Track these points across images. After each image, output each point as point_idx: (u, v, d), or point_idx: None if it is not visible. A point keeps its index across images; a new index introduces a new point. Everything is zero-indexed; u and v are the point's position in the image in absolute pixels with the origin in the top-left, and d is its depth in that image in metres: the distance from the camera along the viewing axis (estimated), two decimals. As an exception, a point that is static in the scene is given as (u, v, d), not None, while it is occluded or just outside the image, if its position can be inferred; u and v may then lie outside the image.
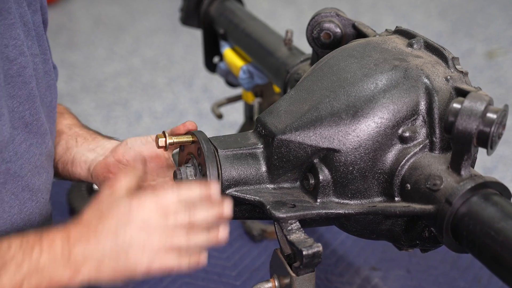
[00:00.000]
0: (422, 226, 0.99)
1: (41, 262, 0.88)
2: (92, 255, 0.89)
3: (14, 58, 1.03)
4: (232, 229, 1.72)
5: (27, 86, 1.06)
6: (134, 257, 0.90)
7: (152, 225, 0.91)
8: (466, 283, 1.55)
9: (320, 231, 1.72)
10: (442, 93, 1.00)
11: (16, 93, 1.04)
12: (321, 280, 1.55)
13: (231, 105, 1.96)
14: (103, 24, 3.86)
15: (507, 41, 3.54)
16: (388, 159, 0.99)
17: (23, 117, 1.05)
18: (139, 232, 0.90)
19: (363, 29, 1.19)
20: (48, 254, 0.88)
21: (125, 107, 3.07)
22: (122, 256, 0.90)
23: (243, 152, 1.06)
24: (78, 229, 0.91)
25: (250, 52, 1.56)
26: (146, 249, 0.90)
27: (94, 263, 0.89)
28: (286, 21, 3.81)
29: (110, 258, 0.90)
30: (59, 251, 0.89)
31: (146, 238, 0.90)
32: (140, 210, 0.91)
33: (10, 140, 1.02)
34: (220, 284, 1.56)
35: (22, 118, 1.05)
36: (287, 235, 0.96)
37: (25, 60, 1.04)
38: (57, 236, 0.90)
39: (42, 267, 0.88)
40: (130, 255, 0.90)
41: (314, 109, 1.03)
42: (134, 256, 0.90)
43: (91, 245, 0.89)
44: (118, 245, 0.89)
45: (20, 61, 1.04)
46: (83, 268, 0.89)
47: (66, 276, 0.89)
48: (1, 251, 0.88)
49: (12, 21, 1.02)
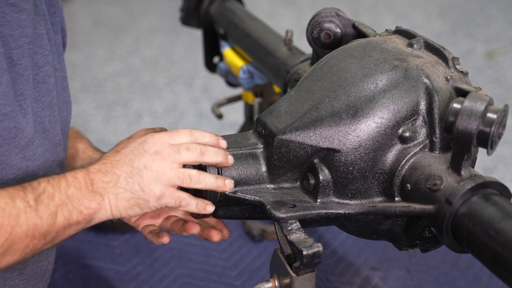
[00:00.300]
0: (422, 226, 0.99)
1: (69, 193, 0.96)
2: (111, 180, 0.98)
3: (41, 65, 1.10)
4: (232, 229, 1.71)
5: (49, 94, 1.12)
6: (147, 181, 0.98)
7: (164, 155, 0.98)
8: (466, 283, 1.55)
9: (320, 231, 1.72)
10: (442, 93, 1.00)
11: (40, 99, 1.10)
12: (321, 280, 1.55)
13: (231, 105, 1.96)
14: (103, 24, 3.86)
15: (507, 41, 3.54)
16: (388, 159, 0.99)
17: (43, 122, 1.11)
18: (152, 160, 0.98)
19: (363, 29, 1.19)
20: (74, 185, 0.97)
21: (125, 107, 3.07)
22: (137, 181, 0.98)
23: (243, 152, 1.06)
24: (96, 165, 1.00)
25: (250, 52, 1.56)
26: (159, 174, 0.98)
27: (112, 189, 0.98)
28: (286, 21, 3.81)
29: (125, 183, 0.98)
30: (82, 182, 0.97)
31: (158, 165, 0.98)
32: (153, 142, 0.99)
33: (31, 141, 1.08)
34: (220, 284, 1.56)
35: (42, 123, 1.11)
36: (287, 235, 0.96)
37: (50, 70, 1.12)
38: (78, 172, 0.98)
39: (70, 196, 0.96)
40: (144, 179, 0.98)
41: (314, 109, 1.03)
42: (148, 180, 0.98)
43: (108, 174, 0.98)
44: (133, 170, 0.98)
45: (46, 69, 1.11)
46: (104, 195, 0.97)
47: (93, 205, 0.97)
48: (32, 187, 0.95)
49: (42, 32, 1.09)
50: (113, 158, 0.99)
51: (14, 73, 1.03)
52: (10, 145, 1.03)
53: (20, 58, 1.04)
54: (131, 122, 2.97)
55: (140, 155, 0.99)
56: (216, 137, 1.03)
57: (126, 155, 0.99)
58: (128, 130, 2.89)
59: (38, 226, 0.93)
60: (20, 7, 1.02)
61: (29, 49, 1.06)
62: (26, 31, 1.04)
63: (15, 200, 0.92)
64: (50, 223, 0.94)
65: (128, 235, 1.69)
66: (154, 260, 1.62)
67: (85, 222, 0.98)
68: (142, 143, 1.00)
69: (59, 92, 1.18)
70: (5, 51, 1.01)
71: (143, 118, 2.99)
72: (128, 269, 1.59)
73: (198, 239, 1.67)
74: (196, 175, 0.99)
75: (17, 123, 1.03)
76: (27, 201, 0.93)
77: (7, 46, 1.02)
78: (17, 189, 0.94)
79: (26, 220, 0.92)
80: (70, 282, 1.53)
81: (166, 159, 0.98)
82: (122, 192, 0.98)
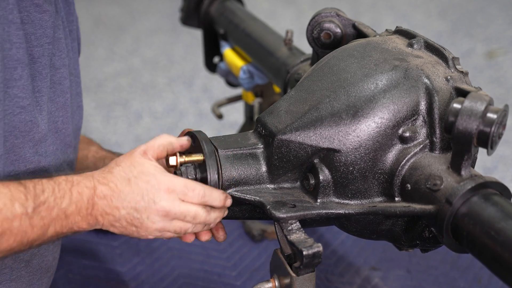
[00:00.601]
0: (422, 226, 0.99)
1: (68, 211, 0.98)
2: (111, 213, 0.99)
3: (58, 67, 1.13)
4: (232, 229, 1.72)
5: (64, 95, 1.16)
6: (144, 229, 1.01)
7: (170, 215, 1.00)
8: (466, 283, 1.55)
9: (320, 231, 1.72)
10: (442, 93, 1.00)
11: (55, 99, 1.14)
12: (321, 280, 1.55)
13: (231, 105, 1.96)
14: (103, 24, 3.86)
15: (507, 41, 3.54)
16: (388, 159, 0.99)
17: (56, 122, 1.15)
18: (157, 215, 1.00)
19: (363, 29, 1.19)
20: (76, 204, 0.98)
21: (125, 107, 3.07)
22: (135, 224, 1.00)
23: (243, 152, 1.06)
24: (104, 187, 1.00)
25: (250, 52, 1.56)
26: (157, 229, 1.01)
27: (111, 220, 1.00)
28: (286, 21, 3.81)
29: (124, 221, 1.00)
30: (85, 202, 0.98)
31: (160, 221, 1.00)
32: (166, 197, 1.00)
33: (45, 138, 1.11)
34: (220, 284, 1.56)
35: (55, 122, 1.14)
36: (287, 235, 0.96)
37: (66, 72, 1.15)
38: (85, 189, 0.99)
39: (68, 215, 0.98)
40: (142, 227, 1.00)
41: (315, 109, 1.03)
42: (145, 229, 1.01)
43: (112, 206, 0.99)
44: (135, 215, 1.00)
45: (62, 71, 1.14)
46: (99, 221, 1.00)
47: (85, 226, 1.00)
48: (35, 193, 0.96)
49: (60, 36, 1.13)
50: (122, 189, 1.00)
51: (33, 70, 1.07)
52: (25, 137, 1.06)
53: (40, 56, 1.08)
54: (131, 122, 2.97)
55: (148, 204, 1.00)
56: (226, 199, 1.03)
57: (135, 195, 0.99)
58: (128, 130, 2.89)
59: (28, 234, 0.95)
60: (44, 8, 1.06)
61: (49, 49, 1.09)
62: (47, 32, 1.08)
63: (14, 203, 0.93)
64: (40, 233, 0.96)
65: (128, 235, 1.69)
66: (154, 260, 1.62)
67: (71, 234, 1.01)
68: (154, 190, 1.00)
69: (73, 96, 1.21)
70: (27, 48, 1.05)
71: (143, 118, 2.99)
72: (128, 269, 1.59)
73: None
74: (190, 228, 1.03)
75: (33, 117, 1.06)
76: (26, 208, 0.94)
77: (29, 43, 1.05)
78: (19, 189, 0.94)
79: (18, 227, 0.93)
80: (70, 282, 1.53)
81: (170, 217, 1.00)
82: (118, 226, 1.01)
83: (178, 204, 1.00)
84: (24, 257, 1.14)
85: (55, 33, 1.11)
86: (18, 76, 1.03)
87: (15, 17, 1.01)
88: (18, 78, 1.03)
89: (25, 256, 1.14)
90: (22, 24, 1.03)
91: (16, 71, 1.02)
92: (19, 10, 1.03)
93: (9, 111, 1.02)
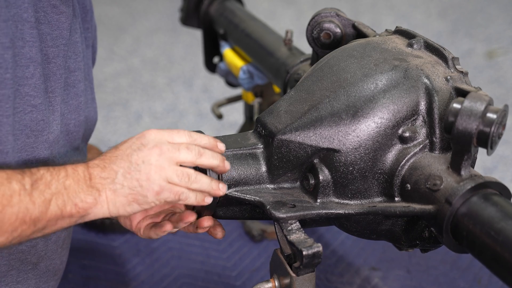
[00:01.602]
0: (422, 226, 0.99)
1: (66, 183, 0.95)
2: (109, 176, 0.96)
3: (73, 70, 1.14)
4: (232, 229, 1.72)
5: (77, 98, 1.16)
6: (146, 176, 0.96)
7: (163, 150, 0.97)
8: (466, 283, 1.55)
9: (320, 231, 1.72)
10: (442, 93, 1.00)
11: (68, 101, 1.14)
12: (321, 280, 1.55)
13: (231, 105, 1.96)
14: (103, 24, 3.86)
15: (507, 41, 3.54)
16: (388, 159, 0.99)
17: (68, 124, 1.14)
18: (151, 155, 0.97)
19: (363, 29, 1.19)
20: (72, 177, 0.96)
21: (125, 107, 3.06)
22: (135, 176, 0.96)
23: (243, 152, 1.06)
24: (95, 160, 0.99)
25: (250, 52, 1.56)
26: (158, 169, 0.96)
27: (110, 185, 0.96)
28: (286, 21, 3.81)
29: (123, 179, 0.96)
30: (81, 175, 0.96)
31: (157, 159, 0.96)
32: (152, 137, 0.98)
33: (57, 140, 1.10)
34: (220, 284, 1.56)
35: (67, 125, 1.14)
36: (287, 235, 0.96)
37: (80, 76, 1.15)
38: (78, 165, 0.98)
39: (67, 187, 0.95)
40: (143, 173, 0.96)
41: (314, 109, 1.03)
42: (146, 174, 0.96)
43: (106, 169, 0.97)
44: (131, 166, 0.96)
45: (77, 74, 1.15)
46: (101, 191, 0.96)
47: (89, 199, 0.96)
48: (31, 172, 0.95)
49: (77, 40, 1.14)
50: (112, 154, 0.98)
51: (47, 70, 1.07)
52: (38, 137, 1.06)
53: (55, 56, 1.08)
54: (131, 122, 2.97)
55: (139, 150, 0.97)
56: (215, 140, 1.02)
57: (124, 150, 0.98)
58: (128, 130, 2.89)
59: (30, 211, 0.92)
60: (61, 9, 1.07)
61: (64, 50, 1.10)
62: (63, 33, 1.09)
63: (11, 181, 0.92)
64: (42, 210, 0.93)
65: (128, 235, 1.69)
66: (154, 260, 1.62)
67: (79, 216, 0.96)
68: (140, 137, 0.99)
69: (88, 101, 1.21)
70: (41, 48, 1.05)
71: (143, 118, 2.99)
72: (128, 269, 1.59)
73: (198, 239, 1.67)
74: (193, 175, 0.98)
75: (45, 116, 1.06)
76: (23, 184, 0.92)
77: (45, 43, 1.05)
78: (16, 171, 0.94)
79: (18, 203, 0.91)
80: (70, 282, 1.53)
81: (165, 155, 0.97)
82: (119, 188, 0.96)
83: (167, 142, 0.98)
84: (31, 259, 1.13)
85: (71, 36, 1.12)
86: (30, 74, 1.03)
87: (29, 16, 1.01)
88: (30, 76, 1.03)
89: (32, 258, 1.13)
90: (38, 23, 1.04)
91: (28, 69, 1.02)
92: (36, 9, 1.03)
93: (20, 109, 1.02)
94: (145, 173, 0.96)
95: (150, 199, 0.97)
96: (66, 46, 1.10)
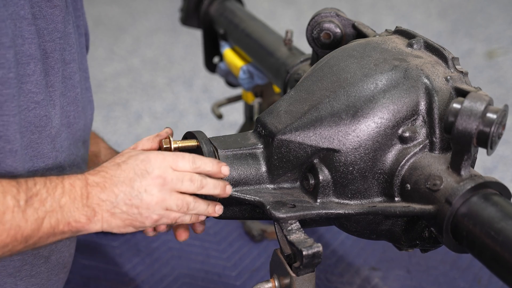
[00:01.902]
0: (422, 226, 0.99)
1: (62, 202, 0.94)
2: (108, 198, 0.96)
3: (68, 62, 1.14)
4: (232, 229, 1.72)
5: (74, 89, 1.16)
6: (146, 206, 0.96)
7: (167, 181, 0.97)
8: (466, 283, 1.55)
9: (320, 231, 1.72)
10: (442, 93, 1.00)
11: (66, 93, 1.14)
12: (321, 280, 1.55)
13: (231, 105, 1.96)
14: (103, 24, 3.86)
15: (507, 41, 3.54)
16: (388, 159, 0.99)
17: (68, 116, 1.15)
18: (154, 185, 0.96)
19: (363, 29, 1.19)
20: (69, 195, 0.95)
21: (125, 107, 3.07)
22: (135, 204, 0.96)
23: (243, 152, 1.06)
24: (95, 176, 0.97)
25: (250, 52, 1.56)
26: (159, 201, 0.97)
27: (108, 207, 0.96)
28: (286, 21, 3.81)
29: (123, 204, 0.96)
30: (78, 193, 0.95)
31: (159, 190, 0.97)
32: (158, 165, 0.97)
33: (59, 133, 1.11)
34: (220, 284, 1.56)
35: (68, 117, 1.15)
36: (287, 235, 0.96)
37: (75, 67, 1.16)
38: (76, 181, 0.96)
39: (63, 206, 0.94)
40: (143, 203, 0.96)
41: (314, 109, 1.03)
42: (147, 205, 0.96)
43: (106, 191, 0.96)
44: (133, 192, 0.96)
45: (72, 66, 1.15)
46: (98, 212, 0.96)
47: (83, 219, 0.96)
48: (27, 187, 0.94)
49: (70, 31, 1.14)
50: (114, 173, 0.97)
51: (46, 65, 1.08)
52: (41, 133, 1.07)
53: (52, 51, 1.08)
54: (131, 122, 2.97)
55: (142, 176, 0.96)
56: (219, 164, 1.01)
57: (127, 172, 0.97)
58: (128, 130, 2.89)
59: (22, 228, 0.92)
60: (54, 2, 1.07)
61: (60, 44, 1.10)
62: (58, 27, 1.09)
63: (6, 196, 0.91)
64: (34, 228, 0.93)
65: (128, 235, 1.69)
66: (154, 260, 1.62)
67: (71, 233, 0.97)
68: (145, 161, 0.97)
69: (83, 90, 1.21)
70: (40, 43, 1.05)
71: (143, 118, 2.99)
72: (128, 269, 1.59)
73: (198, 239, 1.67)
74: (192, 203, 1.00)
75: (47, 112, 1.07)
76: (18, 200, 0.92)
77: (42, 38, 1.06)
78: (11, 184, 0.93)
79: (11, 220, 0.91)
80: (70, 282, 1.53)
81: (168, 185, 0.97)
82: (118, 212, 0.96)
83: (171, 171, 0.97)
84: (43, 253, 1.14)
85: (65, 28, 1.12)
86: (31, 71, 1.03)
87: (26, 12, 1.01)
88: (31, 73, 1.03)
89: (44, 252, 1.14)
90: (34, 19, 1.04)
91: (29, 66, 1.03)
92: (31, 5, 1.03)
93: (24, 106, 1.03)
94: (146, 203, 0.97)
95: (147, 224, 0.99)
96: (62, 39, 1.10)
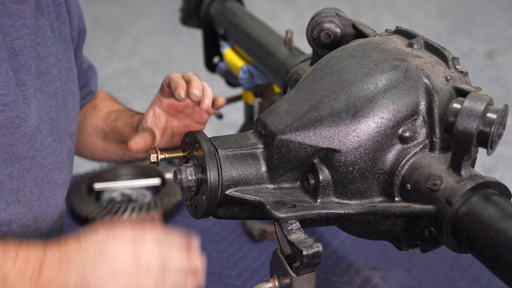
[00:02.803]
0: (422, 226, 0.99)
1: (9, 277, 0.89)
2: (58, 280, 0.90)
3: (44, 56, 1.11)
4: (232, 229, 1.72)
5: (53, 84, 1.14)
6: None
7: (121, 274, 0.91)
8: (466, 283, 1.55)
9: (320, 231, 1.72)
10: (442, 93, 1.00)
11: (44, 89, 1.12)
12: (321, 280, 1.55)
13: (231, 105, 1.96)
14: (103, 24, 3.86)
15: (507, 41, 3.54)
16: (388, 159, 0.99)
17: (50, 112, 1.13)
18: (107, 276, 0.90)
19: (363, 29, 1.19)
20: (19, 270, 0.89)
21: (125, 107, 3.06)
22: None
23: (243, 152, 1.06)
24: (54, 252, 0.92)
25: (250, 52, 1.56)
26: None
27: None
28: (286, 21, 3.81)
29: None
30: (30, 270, 0.90)
31: (111, 284, 0.90)
32: (116, 254, 0.91)
33: (39, 131, 1.09)
34: (220, 284, 1.56)
35: (49, 113, 1.13)
36: (287, 235, 0.96)
37: (52, 60, 1.13)
38: (32, 254, 0.91)
39: (10, 282, 0.88)
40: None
41: (314, 109, 1.03)
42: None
43: (60, 272, 0.90)
44: (84, 280, 0.90)
45: (49, 60, 1.12)
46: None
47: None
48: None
49: (44, 24, 1.11)
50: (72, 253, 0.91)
51: (16, 63, 1.05)
52: (14, 134, 1.05)
53: (21, 48, 1.05)
54: (131, 122, 2.96)
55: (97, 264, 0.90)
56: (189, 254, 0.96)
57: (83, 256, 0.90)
58: (128, 130, 2.88)
59: None
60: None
61: (31, 39, 1.07)
62: (26, 22, 1.06)
63: None
64: None
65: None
66: (154, 260, 1.62)
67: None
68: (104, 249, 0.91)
69: (63, 82, 1.18)
70: (6, 42, 1.02)
71: (143, 118, 2.99)
72: (128, 269, 1.59)
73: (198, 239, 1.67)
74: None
75: (20, 112, 1.04)
76: None
77: (9, 37, 1.03)
78: None
79: None
80: None
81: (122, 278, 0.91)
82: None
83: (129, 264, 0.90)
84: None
85: (38, 22, 1.08)
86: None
87: None
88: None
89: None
90: None
91: None
92: None
93: None
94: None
95: None
96: (33, 34, 1.07)
